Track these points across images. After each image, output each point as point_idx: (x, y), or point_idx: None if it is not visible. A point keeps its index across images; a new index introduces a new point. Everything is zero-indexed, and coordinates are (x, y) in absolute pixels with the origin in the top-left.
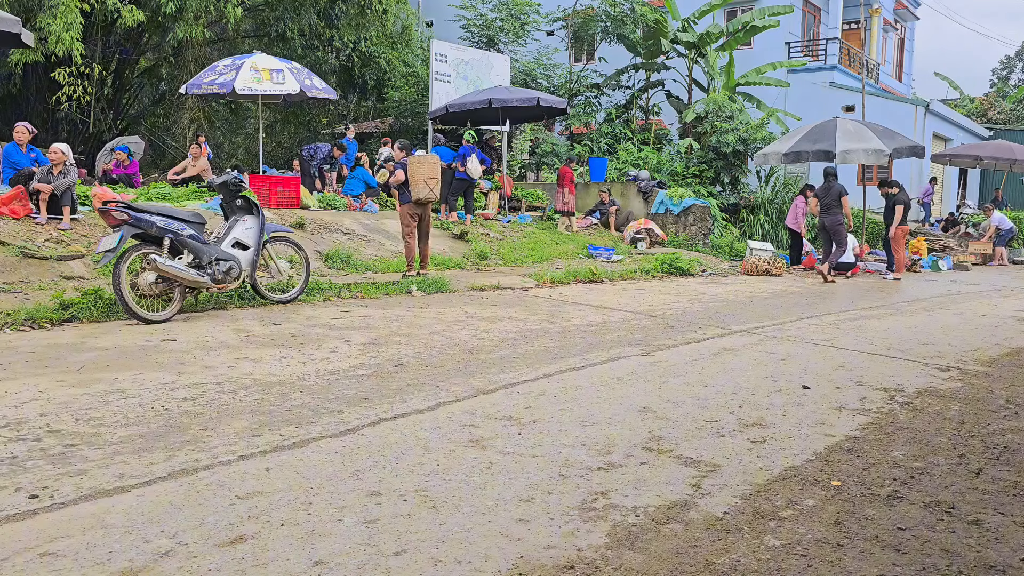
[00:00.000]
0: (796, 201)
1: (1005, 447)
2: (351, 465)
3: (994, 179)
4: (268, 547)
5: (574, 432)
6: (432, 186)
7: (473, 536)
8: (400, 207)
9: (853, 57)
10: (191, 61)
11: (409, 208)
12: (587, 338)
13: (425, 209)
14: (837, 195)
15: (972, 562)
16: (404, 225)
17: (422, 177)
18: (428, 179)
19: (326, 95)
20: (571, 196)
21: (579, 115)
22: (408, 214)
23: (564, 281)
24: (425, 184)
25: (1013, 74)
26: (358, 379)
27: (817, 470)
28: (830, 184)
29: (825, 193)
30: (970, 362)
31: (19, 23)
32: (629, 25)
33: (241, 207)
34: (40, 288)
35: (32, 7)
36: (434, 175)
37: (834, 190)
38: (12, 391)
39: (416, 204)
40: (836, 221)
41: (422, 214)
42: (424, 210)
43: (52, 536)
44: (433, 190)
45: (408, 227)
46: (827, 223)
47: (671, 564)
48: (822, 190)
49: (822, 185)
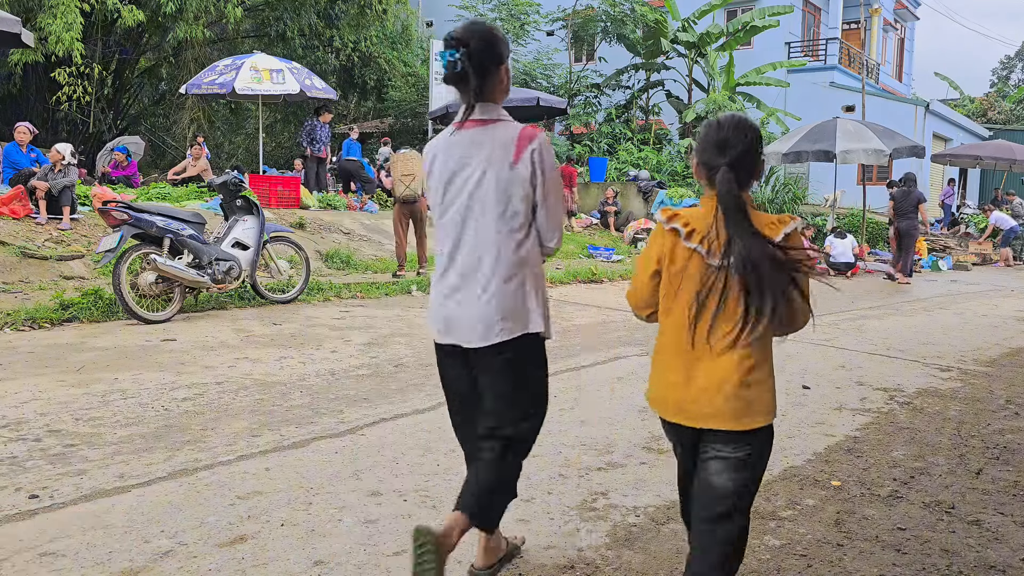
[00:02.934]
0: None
1: (1005, 447)
2: (351, 465)
3: (994, 179)
4: (268, 547)
5: (574, 432)
6: (408, 183)
7: (473, 536)
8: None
9: (853, 57)
10: (191, 61)
11: (397, 208)
12: (587, 338)
13: (412, 208)
14: (915, 202)
15: (972, 562)
16: (393, 224)
17: (398, 175)
18: (403, 176)
19: (326, 95)
20: (572, 195)
21: (579, 115)
22: (397, 214)
23: (564, 281)
24: (400, 182)
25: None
26: (358, 379)
27: (817, 470)
28: (909, 190)
29: (903, 198)
30: (970, 362)
31: (19, 23)
32: (629, 25)
33: (241, 207)
34: (40, 288)
35: (32, 7)
36: (409, 171)
37: (912, 196)
38: (12, 391)
39: (403, 204)
40: (912, 226)
41: (411, 213)
42: (411, 209)
43: (52, 536)
44: (410, 187)
45: (396, 227)
46: (902, 228)
47: (671, 564)
48: (900, 195)
49: (901, 190)
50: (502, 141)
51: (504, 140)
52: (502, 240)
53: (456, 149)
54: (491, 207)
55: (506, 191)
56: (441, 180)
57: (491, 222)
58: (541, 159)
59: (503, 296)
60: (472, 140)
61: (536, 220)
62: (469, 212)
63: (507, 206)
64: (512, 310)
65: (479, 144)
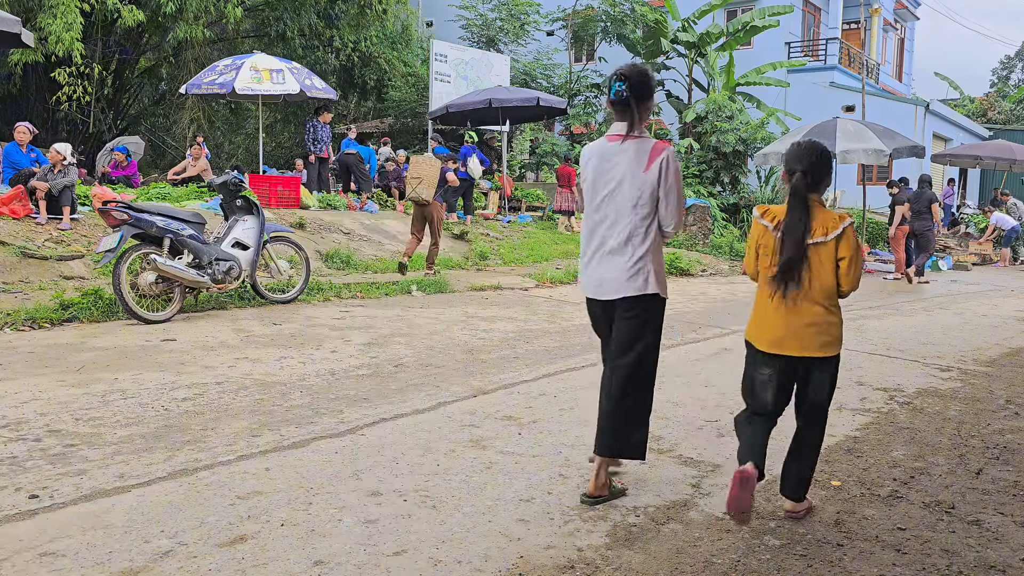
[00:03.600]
0: None
1: (1005, 447)
2: (351, 465)
3: (994, 179)
4: (268, 547)
5: (574, 432)
6: (415, 186)
7: (473, 536)
8: None
9: (853, 57)
10: (191, 61)
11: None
12: (587, 338)
13: (424, 210)
14: (928, 202)
15: (972, 562)
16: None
17: (408, 177)
18: (412, 179)
19: (326, 95)
20: (571, 195)
21: (579, 115)
22: (413, 214)
23: (564, 281)
24: (409, 184)
25: (1013, 74)
26: (358, 379)
27: (817, 470)
28: (923, 191)
29: (917, 199)
30: (970, 362)
31: (19, 23)
32: (629, 25)
33: (241, 207)
34: (40, 288)
35: (32, 7)
36: (417, 175)
37: (925, 197)
38: (12, 391)
39: (416, 205)
40: (925, 227)
41: (422, 215)
42: (423, 211)
43: (52, 536)
44: (416, 189)
45: (412, 225)
46: (916, 228)
47: (671, 564)
48: (914, 196)
49: (915, 191)
50: (639, 152)
51: (640, 151)
52: (634, 225)
53: (607, 155)
54: (627, 200)
55: (638, 189)
56: (593, 177)
57: (626, 212)
58: (666, 168)
59: (632, 266)
60: (619, 149)
61: (659, 211)
62: (611, 202)
63: (638, 200)
64: (638, 276)
65: (623, 152)
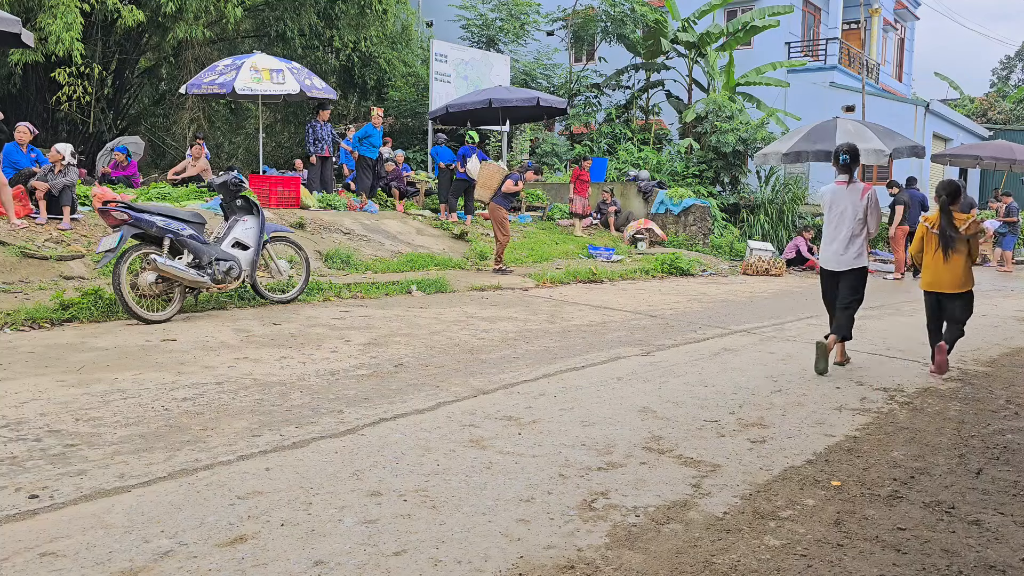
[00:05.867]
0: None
1: (1005, 447)
2: (351, 465)
3: (994, 179)
4: (268, 547)
5: (574, 432)
6: (479, 186)
7: (473, 536)
8: None
9: (853, 57)
10: (191, 61)
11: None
12: (587, 338)
13: (490, 210)
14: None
15: (972, 562)
16: None
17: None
18: (480, 186)
19: (326, 95)
20: (586, 199)
21: (579, 115)
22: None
23: (564, 281)
24: (479, 188)
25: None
26: (358, 379)
27: (817, 470)
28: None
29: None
30: (970, 362)
31: (19, 23)
32: (629, 25)
33: (241, 207)
34: (40, 288)
35: (32, 7)
36: (480, 181)
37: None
38: (12, 391)
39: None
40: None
41: (490, 215)
42: (489, 211)
43: (52, 536)
44: (478, 191)
45: None
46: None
47: (671, 564)
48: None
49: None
50: (856, 191)
51: (856, 191)
52: (855, 229)
53: (838, 193)
54: (849, 217)
55: (855, 211)
56: (831, 205)
57: (849, 222)
58: (870, 200)
59: (852, 251)
60: (845, 190)
61: (867, 222)
62: (843, 219)
63: (855, 217)
64: (855, 257)
65: (847, 192)
